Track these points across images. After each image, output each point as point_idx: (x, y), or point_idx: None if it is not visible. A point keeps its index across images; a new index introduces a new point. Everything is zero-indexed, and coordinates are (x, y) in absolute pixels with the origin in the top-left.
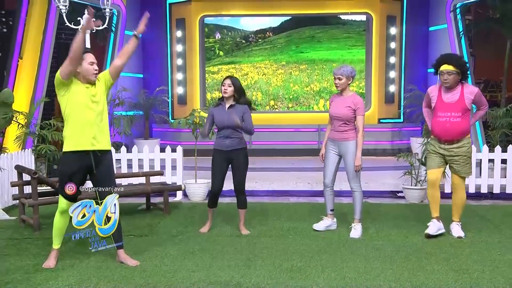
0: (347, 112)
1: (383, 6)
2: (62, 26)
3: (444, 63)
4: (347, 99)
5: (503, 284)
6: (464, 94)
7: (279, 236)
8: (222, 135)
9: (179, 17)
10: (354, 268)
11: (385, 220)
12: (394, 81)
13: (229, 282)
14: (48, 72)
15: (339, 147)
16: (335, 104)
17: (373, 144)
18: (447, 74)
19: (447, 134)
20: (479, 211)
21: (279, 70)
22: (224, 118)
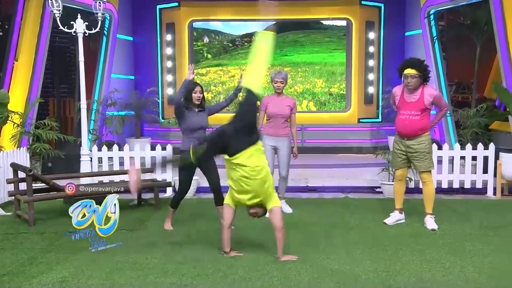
0: (288, 111)
1: (362, 12)
2: (56, 30)
3: (407, 67)
4: (285, 100)
5: (472, 272)
6: (424, 95)
7: (264, 230)
8: (193, 137)
9: (169, 21)
10: (334, 259)
11: (364, 214)
12: (372, 83)
13: (216, 273)
14: (42, 74)
15: (277, 141)
16: (274, 104)
17: (353, 142)
18: (411, 77)
19: (407, 130)
20: (452, 205)
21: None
22: (198, 120)
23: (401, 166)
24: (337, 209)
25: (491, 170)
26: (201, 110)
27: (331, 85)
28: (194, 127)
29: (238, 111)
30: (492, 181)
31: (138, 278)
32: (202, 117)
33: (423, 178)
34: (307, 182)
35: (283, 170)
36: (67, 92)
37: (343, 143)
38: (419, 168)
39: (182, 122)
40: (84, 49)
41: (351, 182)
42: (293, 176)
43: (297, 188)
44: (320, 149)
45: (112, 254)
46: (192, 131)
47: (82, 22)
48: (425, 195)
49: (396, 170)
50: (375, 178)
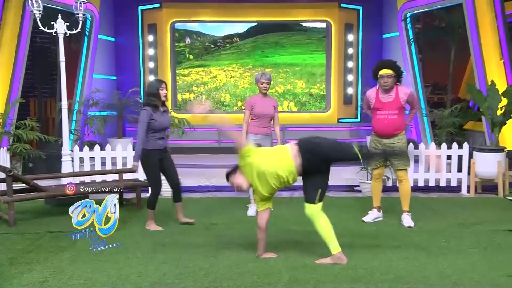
0: (273, 110)
1: (341, 14)
2: (37, 30)
3: (383, 67)
4: (270, 100)
5: (446, 268)
6: (399, 94)
7: (245, 228)
8: (157, 136)
9: (150, 22)
10: (314, 256)
11: (343, 212)
12: (351, 84)
13: (197, 272)
14: (23, 74)
15: (262, 140)
16: (260, 104)
17: None
18: (387, 77)
19: (386, 129)
20: (428, 202)
21: (246, 73)
22: (163, 121)
23: (379, 165)
24: None
25: (465, 168)
26: (165, 111)
27: (311, 86)
28: (160, 127)
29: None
30: (466, 179)
31: (120, 277)
32: (166, 117)
33: (399, 176)
34: None
35: None
36: (48, 92)
37: None
38: (397, 166)
39: (150, 123)
40: (66, 49)
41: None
42: None
43: None
44: None
45: (93, 254)
46: (157, 131)
47: (62, 22)
48: (402, 193)
49: (374, 169)
50: (354, 177)
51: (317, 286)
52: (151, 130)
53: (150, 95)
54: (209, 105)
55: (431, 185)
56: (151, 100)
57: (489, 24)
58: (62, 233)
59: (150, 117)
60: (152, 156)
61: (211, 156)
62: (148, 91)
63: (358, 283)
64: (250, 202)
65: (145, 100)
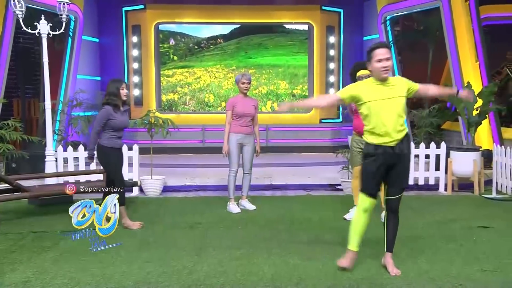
0: (254, 110)
1: (323, 17)
2: (20, 31)
3: (362, 68)
4: (250, 101)
5: (424, 264)
6: None
7: (228, 227)
8: (116, 135)
9: (135, 23)
10: (297, 254)
11: (325, 210)
12: (333, 85)
13: (181, 270)
14: (6, 74)
15: (244, 139)
16: (241, 104)
17: (315, 142)
18: (365, 77)
19: None
20: (406, 201)
21: (229, 74)
22: (123, 120)
23: (360, 163)
24: (300, 206)
25: (442, 167)
26: (125, 110)
27: (294, 87)
28: (119, 126)
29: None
30: (443, 178)
31: (103, 276)
32: (126, 117)
33: None
34: (271, 180)
35: (247, 165)
36: (32, 92)
37: (306, 142)
38: None
39: (110, 122)
40: (49, 50)
41: (312, 180)
42: (257, 175)
43: (262, 186)
44: (284, 149)
45: (77, 253)
46: (116, 130)
47: (46, 23)
48: (382, 192)
49: (355, 168)
50: (336, 176)
51: (300, 283)
52: (111, 129)
53: (111, 95)
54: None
55: (410, 184)
56: (112, 99)
57: (465, 27)
58: (45, 233)
59: (109, 116)
60: (112, 154)
61: (195, 156)
62: (108, 90)
63: (339, 279)
64: (230, 199)
65: (105, 99)
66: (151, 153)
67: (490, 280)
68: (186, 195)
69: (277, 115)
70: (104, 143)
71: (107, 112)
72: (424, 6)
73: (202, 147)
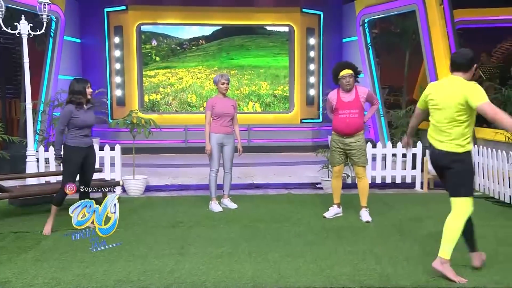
0: (233, 110)
1: (303, 19)
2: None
3: (344, 68)
4: (229, 101)
5: (401, 260)
6: (358, 93)
7: (210, 226)
8: (81, 134)
9: (116, 24)
10: (277, 252)
11: (306, 208)
12: (313, 85)
13: (163, 269)
14: None
15: (224, 139)
16: (221, 105)
17: (296, 141)
18: (349, 77)
19: (348, 128)
20: (384, 198)
21: (211, 75)
22: (86, 118)
23: (339, 162)
24: (281, 205)
25: (419, 166)
26: (89, 108)
27: (275, 88)
28: (83, 125)
29: None
30: (420, 176)
31: (85, 276)
32: (91, 115)
33: (358, 174)
34: (253, 179)
35: (228, 164)
36: (12, 93)
37: (287, 142)
38: (356, 164)
39: (72, 120)
40: (31, 50)
41: (293, 179)
42: (239, 174)
43: (243, 185)
44: (265, 148)
45: (58, 253)
46: (80, 128)
47: (26, 23)
48: (360, 190)
49: (334, 167)
50: (316, 175)
51: (280, 280)
52: (75, 127)
53: (76, 93)
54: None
55: (387, 182)
56: (76, 98)
57: (440, 31)
58: (26, 233)
59: (71, 114)
60: (74, 153)
61: (177, 155)
62: (73, 89)
63: (319, 276)
64: (212, 199)
65: (68, 98)
66: (133, 153)
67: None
68: (169, 194)
69: (258, 115)
70: (68, 142)
71: (69, 110)
72: (400, 9)
73: (184, 147)
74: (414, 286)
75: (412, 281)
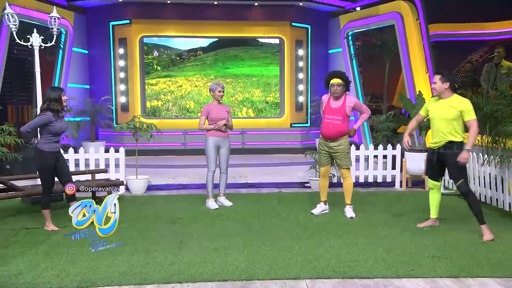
0: (228, 115)
1: (292, 32)
2: (14, 43)
3: (334, 77)
4: (223, 107)
5: (381, 252)
6: (345, 102)
7: (207, 222)
8: (53, 140)
9: (121, 36)
10: (269, 245)
11: (295, 206)
12: (302, 93)
13: (163, 262)
14: (0, 83)
15: (220, 141)
16: (216, 111)
17: (286, 144)
18: (337, 86)
19: (330, 132)
20: (366, 197)
21: (208, 83)
22: (62, 125)
23: (326, 163)
24: (272, 202)
25: (398, 166)
26: (62, 116)
27: (267, 95)
28: (59, 131)
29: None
30: (399, 176)
31: (91, 268)
32: (64, 123)
33: (343, 174)
34: (246, 179)
35: (224, 165)
36: (25, 99)
37: (278, 144)
38: (341, 165)
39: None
40: (42, 60)
41: (284, 178)
42: (234, 174)
43: (238, 185)
44: (258, 150)
45: (66, 248)
46: (55, 135)
47: (38, 36)
48: (345, 189)
49: (321, 168)
50: (305, 174)
51: (271, 271)
52: (50, 133)
53: (52, 101)
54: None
55: (369, 181)
56: (53, 105)
57: (416, 43)
58: (37, 229)
59: (49, 121)
60: (49, 158)
61: (177, 157)
62: (50, 97)
63: (306, 268)
64: (209, 197)
65: (46, 105)
66: (136, 155)
67: (437, 266)
68: (169, 193)
69: (252, 120)
70: (43, 147)
71: (47, 117)
72: (380, 24)
73: (183, 149)
74: (394, 276)
75: (392, 272)
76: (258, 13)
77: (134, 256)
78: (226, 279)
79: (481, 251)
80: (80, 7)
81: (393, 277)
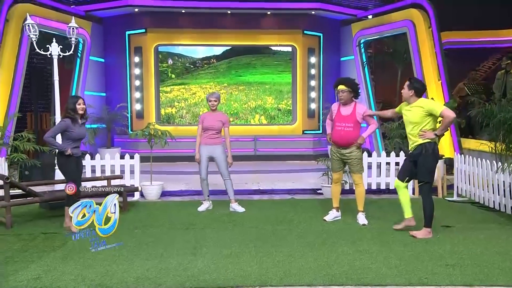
0: (220, 124)
1: (304, 40)
2: (34, 52)
3: (339, 84)
4: (218, 116)
5: (394, 259)
6: (356, 110)
7: (220, 228)
8: (74, 145)
9: (136, 45)
10: (281, 252)
11: (307, 212)
12: (314, 100)
13: (177, 267)
14: (20, 91)
15: (210, 149)
16: (209, 119)
17: (298, 151)
18: (341, 92)
19: (342, 140)
20: (379, 203)
21: (222, 90)
22: (80, 132)
23: (338, 169)
24: (284, 209)
25: None
26: (83, 123)
27: (279, 102)
28: (77, 137)
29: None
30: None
31: (107, 273)
32: (84, 129)
33: (355, 181)
34: (259, 185)
35: (224, 173)
36: (44, 107)
37: (290, 151)
38: (354, 171)
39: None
40: (60, 69)
41: (296, 185)
42: (246, 180)
43: (250, 191)
44: (270, 157)
45: (83, 252)
46: (74, 141)
47: (56, 45)
48: (357, 195)
49: (334, 174)
50: (317, 181)
51: (284, 278)
52: (69, 139)
53: (69, 110)
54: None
55: (382, 188)
56: (70, 113)
57: (429, 51)
58: (55, 234)
59: (67, 128)
60: (70, 162)
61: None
62: (67, 106)
63: (319, 274)
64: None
65: (65, 113)
66: (150, 161)
67: (451, 274)
68: (183, 199)
69: (264, 127)
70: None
71: (66, 124)
72: (393, 31)
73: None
74: (407, 283)
75: (405, 279)
76: (271, 22)
77: (149, 262)
78: (240, 285)
79: (495, 259)
80: (97, 17)
81: (406, 284)
